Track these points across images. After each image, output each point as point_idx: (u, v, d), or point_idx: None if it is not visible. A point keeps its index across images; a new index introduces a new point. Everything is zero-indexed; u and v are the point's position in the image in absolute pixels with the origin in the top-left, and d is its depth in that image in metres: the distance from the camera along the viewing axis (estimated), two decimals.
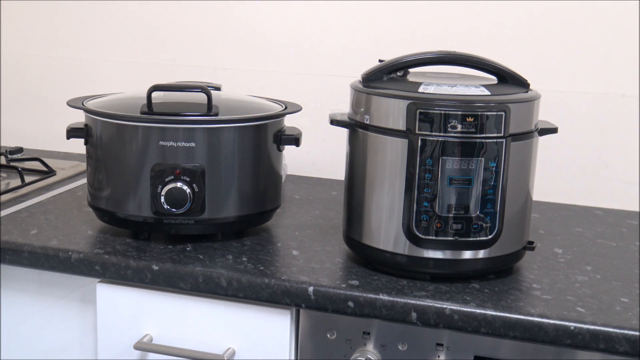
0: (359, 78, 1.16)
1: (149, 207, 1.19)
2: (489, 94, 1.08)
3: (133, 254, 1.18)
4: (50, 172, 1.62)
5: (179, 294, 1.16)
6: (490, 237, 1.08)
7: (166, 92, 1.26)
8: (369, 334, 1.09)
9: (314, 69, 1.71)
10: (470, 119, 1.04)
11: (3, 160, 1.65)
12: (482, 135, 1.05)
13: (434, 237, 1.08)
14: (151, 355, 1.19)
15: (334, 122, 1.17)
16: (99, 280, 1.20)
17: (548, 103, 1.25)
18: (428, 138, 1.05)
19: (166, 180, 1.18)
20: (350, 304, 1.06)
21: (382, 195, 1.10)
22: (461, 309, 1.02)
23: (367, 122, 1.12)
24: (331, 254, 1.21)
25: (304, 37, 1.70)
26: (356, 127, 1.14)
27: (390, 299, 1.05)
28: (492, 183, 1.07)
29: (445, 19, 1.61)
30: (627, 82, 1.53)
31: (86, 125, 1.26)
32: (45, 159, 1.65)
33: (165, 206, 1.18)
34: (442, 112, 1.04)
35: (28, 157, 1.68)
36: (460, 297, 1.05)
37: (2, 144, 1.84)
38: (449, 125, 1.04)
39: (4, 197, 1.44)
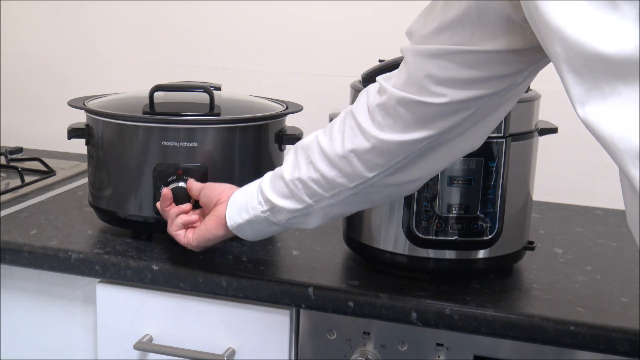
0: (359, 78, 1.16)
1: (151, 207, 1.19)
2: None
3: (133, 254, 1.18)
4: (50, 172, 1.61)
5: (179, 294, 1.16)
6: (490, 237, 1.09)
7: (167, 92, 1.26)
8: (369, 334, 1.09)
9: (314, 69, 1.71)
10: None
11: (3, 160, 1.65)
12: None
13: (434, 237, 1.08)
14: (151, 355, 1.19)
15: None
16: (99, 280, 1.20)
17: (548, 103, 1.25)
18: None
19: (168, 180, 1.18)
20: (350, 304, 1.06)
21: None
22: (461, 309, 1.02)
23: None
24: (331, 254, 1.21)
25: (304, 37, 1.70)
26: None
27: (391, 299, 1.05)
28: (492, 183, 1.07)
29: None
30: None
31: (87, 125, 1.26)
32: (45, 159, 1.65)
33: None
34: None
35: (28, 157, 1.68)
36: (460, 297, 1.05)
37: (2, 144, 1.83)
38: None
39: (4, 197, 1.44)
